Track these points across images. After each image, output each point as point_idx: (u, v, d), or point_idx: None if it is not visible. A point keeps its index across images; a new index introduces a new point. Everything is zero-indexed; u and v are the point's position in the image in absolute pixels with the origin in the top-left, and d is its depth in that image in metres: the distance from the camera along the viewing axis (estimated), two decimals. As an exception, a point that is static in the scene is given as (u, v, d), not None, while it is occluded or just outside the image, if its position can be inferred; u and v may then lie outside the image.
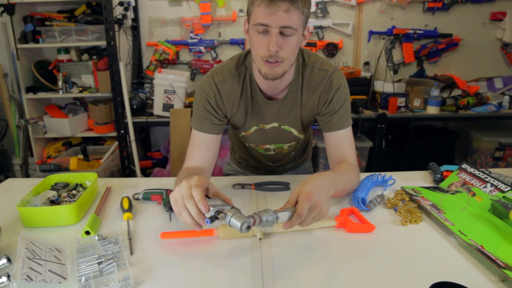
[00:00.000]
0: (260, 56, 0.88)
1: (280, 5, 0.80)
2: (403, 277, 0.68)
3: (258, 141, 1.13)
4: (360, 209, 0.92)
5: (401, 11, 2.65)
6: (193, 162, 1.01)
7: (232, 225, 0.68)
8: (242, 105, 1.04)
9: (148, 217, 0.92)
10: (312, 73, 1.01)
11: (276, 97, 1.03)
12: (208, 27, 2.64)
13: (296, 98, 1.03)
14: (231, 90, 1.01)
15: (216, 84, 1.00)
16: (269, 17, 0.82)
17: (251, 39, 0.89)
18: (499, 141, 2.53)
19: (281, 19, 0.82)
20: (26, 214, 0.85)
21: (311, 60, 1.02)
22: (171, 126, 2.30)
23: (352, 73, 2.41)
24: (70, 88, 2.52)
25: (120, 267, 0.69)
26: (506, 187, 0.91)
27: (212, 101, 1.01)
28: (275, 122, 1.07)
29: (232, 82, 1.01)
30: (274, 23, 0.82)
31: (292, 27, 0.84)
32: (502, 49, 2.73)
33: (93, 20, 2.42)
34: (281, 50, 0.86)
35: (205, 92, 1.01)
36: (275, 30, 0.83)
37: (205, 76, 1.03)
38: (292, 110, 1.05)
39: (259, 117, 1.06)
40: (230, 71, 1.01)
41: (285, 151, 1.17)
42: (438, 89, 2.36)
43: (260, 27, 0.84)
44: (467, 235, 0.78)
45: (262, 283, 0.66)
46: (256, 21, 0.84)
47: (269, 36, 0.84)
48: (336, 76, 1.01)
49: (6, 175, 2.79)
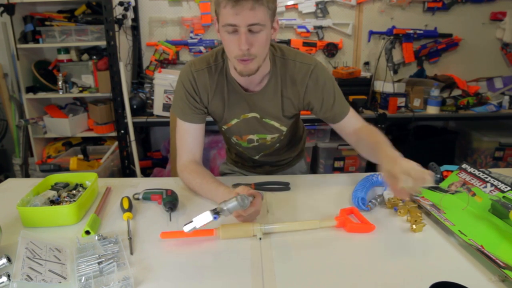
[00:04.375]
0: (233, 55, 0.91)
1: (244, 4, 0.83)
2: (403, 277, 0.68)
3: (240, 132, 1.15)
4: (360, 209, 0.92)
5: (401, 11, 2.65)
6: (188, 155, 1.08)
7: (232, 209, 0.77)
8: (218, 97, 1.07)
9: (148, 217, 0.92)
10: (294, 66, 1.03)
11: (254, 89, 1.05)
12: (208, 27, 2.63)
13: (276, 90, 1.05)
14: (206, 81, 1.05)
15: (193, 72, 1.04)
16: (236, 17, 0.84)
17: (222, 39, 0.92)
18: (499, 141, 2.52)
19: (247, 18, 0.84)
20: (26, 214, 0.86)
21: (291, 54, 1.04)
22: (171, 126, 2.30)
23: (352, 73, 2.41)
24: (70, 88, 2.52)
25: (120, 267, 0.69)
26: (506, 187, 0.91)
27: (190, 89, 1.05)
28: (256, 113, 1.09)
29: (208, 72, 1.05)
30: (241, 23, 0.85)
31: (260, 23, 0.86)
32: (502, 49, 2.73)
33: (93, 20, 2.41)
34: (252, 47, 0.88)
35: (182, 80, 1.06)
36: (244, 29, 0.86)
37: (184, 65, 1.08)
38: (272, 102, 1.07)
39: (238, 109, 1.08)
40: (208, 62, 1.05)
41: (268, 142, 1.18)
42: (438, 89, 2.36)
43: (229, 27, 0.86)
44: (467, 235, 0.78)
45: (262, 283, 0.66)
46: (224, 22, 0.86)
47: (238, 36, 0.87)
48: (319, 71, 1.03)
49: (6, 175, 2.79)
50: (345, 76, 2.36)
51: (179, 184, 1.09)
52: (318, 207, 0.96)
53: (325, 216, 0.89)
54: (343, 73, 2.37)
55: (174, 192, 0.97)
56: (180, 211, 0.94)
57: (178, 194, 0.97)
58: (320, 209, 0.94)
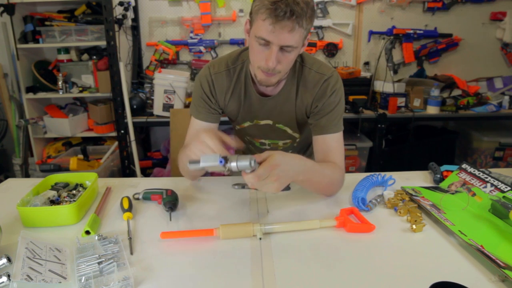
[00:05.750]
0: (257, 65, 0.90)
1: (285, 25, 0.80)
2: (403, 277, 0.68)
3: (253, 134, 1.16)
4: (360, 209, 0.92)
5: (401, 11, 2.65)
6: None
7: (240, 166, 0.74)
8: (234, 99, 1.07)
9: (148, 217, 0.92)
10: (309, 74, 1.03)
11: (270, 93, 1.06)
12: (208, 27, 2.64)
13: (290, 96, 1.05)
14: (224, 83, 1.06)
15: (211, 74, 1.05)
16: (272, 35, 0.82)
17: (250, 45, 0.91)
18: (499, 141, 2.52)
19: (283, 39, 0.82)
20: (26, 214, 0.85)
21: (309, 62, 1.04)
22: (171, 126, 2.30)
23: (352, 73, 2.41)
24: (70, 88, 2.52)
25: (120, 267, 0.69)
26: (506, 187, 0.91)
27: (207, 90, 1.06)
28: (269, 120, 1.10)
29: (226, 75, 1.05)
30: (276, 41, 0.83)
31: (293, 46, 0.85)
32: (502, 49, 2.73)
33: (93, 20, 2.42)
34: (279, 64, 0.88)
35: (200, 81, 1.07)
36: (276, 48, 0.84)
37: (204, 67, 1.09)
38: (286, 107, 1.06)
39: (252, 113, 1.09)
40: (226, 65, 1.06)
41: (280, 147, 1.19)
42: (438, 89, 2.36)
43: (262, 41, 0.84)
44: (467, 235, 0.78)
45: (262, 283, 0.66)
46: (259, 34, 0.84)
47: (269, 51, 0.85)
48: (332, 81, 1.02)
49: (6, 175, 2.79)
50: (345, 76, 2.36)
51: (179, 184, 1.09)
52: (318, 207, 0.96)
53: (325, 216, 0.89)
54: (343, 73, 2.37)
55: (174, 192, 0.97)
56: (180, 211, 0.94)
57: (178, 194, 0.97)
58: (320, 209, 0.94)
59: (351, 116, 2.26)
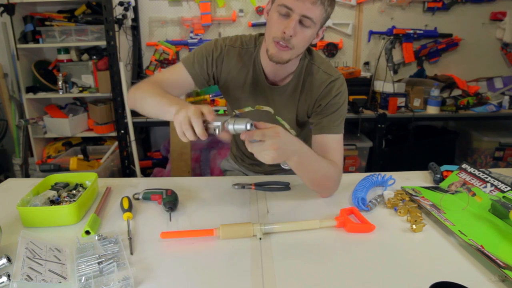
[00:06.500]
0: (273, 36, 0.91)
1: None
2: (403, 277, 0.68)
3: None
4: (360, 209, 0.92)
5: (401, 11, 2.65)
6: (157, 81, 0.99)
7: (237, 129, 0.74)
8: (238, 79, 1.07)
9: (148, 217, 0.92)
10: (317, 72, 1.04)
11: (277, 83, 1.06)
12: (208, 27, 2.64)
13: (295, 91, 1.06)
14: (233, 59, 1.06)
15: (227, 45, 1.06)
16: (295, 2, 0.86)
17: (270, 18, 0.93)
18: (499, 141, 2.53)
19: (305, 8, 0.86)
20: (26, 214, 0.85)
21: (318, 60, 1.05)
22: (171, 126, 2.30)
23: (352, 73, 2.41)
24: (70, 88, 2.52)
25: (120, 267, 0.69)
26: (506, 187, 0.91)
27: (215, 54, 1.05)
28: (271, 108, 1.10)
29: (239, 52, 1.06)
30: (298, 9, 0.86)
31: (313, 19, 0.88)
32: (502, 49, 2.73)
33: (93, 20, 2.42)
34: (295, 37, 0.89)
35: (214, 44, 1.06)
36: (296, 17, 0.87)
37: (222, 37, 1.08)
38: (290, 101, 1.07)
39: (256, 98, 1.09)
40: (242, 43, 1.06)
41: None
42: (438, 89, 2.36)
43: (284, 8, 0.87)
44: (467, 235, 0.78)
45: (262, 283, 0.66)
46: (282, 2, 0.87)
47: (288, 20, 0.88)
48: (338, 83, 1.03)
49: (6, 175, 2.79)
50: (345, 76, 2.35)
51: (179, 184, 1.09)
52: (318, 207, 0.96)
53: (325, 216, 0.89)
54: (343, 73, 2.36)
55: (174, 192, 0.97)
56: (180, 211, 0.94)
57: (178, 194, 0.97)
58: (320, 209, 0.94)
59: (351, 116, 2.26)
